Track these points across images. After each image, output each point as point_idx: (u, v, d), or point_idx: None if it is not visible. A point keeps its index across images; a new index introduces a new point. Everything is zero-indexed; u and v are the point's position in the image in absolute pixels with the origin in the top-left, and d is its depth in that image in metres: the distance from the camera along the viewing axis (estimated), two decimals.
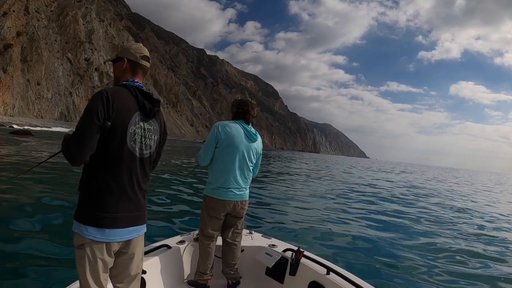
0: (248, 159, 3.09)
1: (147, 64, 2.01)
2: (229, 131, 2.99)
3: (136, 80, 1.95)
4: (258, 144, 3.18)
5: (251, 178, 3.23)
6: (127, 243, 1.90)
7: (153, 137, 1.96)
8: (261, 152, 3.25)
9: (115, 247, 1.85)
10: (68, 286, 2.19)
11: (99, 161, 1.77)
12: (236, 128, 3.03)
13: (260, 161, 3.30)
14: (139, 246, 1.99)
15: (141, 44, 2.04)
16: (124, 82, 1.92)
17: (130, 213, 1.86)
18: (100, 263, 1.79)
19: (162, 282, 2.92)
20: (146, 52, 2.01)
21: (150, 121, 1.94)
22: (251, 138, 3.09)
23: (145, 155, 1.91)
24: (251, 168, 3.16)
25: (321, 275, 2.88)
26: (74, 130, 1.76)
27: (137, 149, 1.86)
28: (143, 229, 1.98)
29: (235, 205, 3.07)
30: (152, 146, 1.96)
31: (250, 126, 3.12)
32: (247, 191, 3.18)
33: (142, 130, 1.88)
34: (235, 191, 3.05)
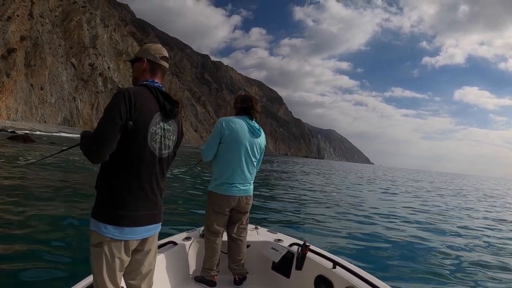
0: (252, 155, 3.10)
1: (166, 65, 2.02)
2: (233, 127, 2.99)
3: (155, 81, 1.95)
4: (262, 140, 3.19)
5: (255, 173, 3.24)
6: (143, 241, 1.92)
7: (171, 137, 1.97)
8: (264, 148, 3.26)
9: (133, 246, 1.86)
10: (80, 282, 2.19)
11: (120, 160, 1.77)
12: (240, 124, 3.03)
13: (262, 157, 3.31)
14: (154, 244, 2.02)
15: (160, 45, 2.05)
16: (144, 82, 1.93)
17: (149, 212, 1.88)
18: (117, 261, 1.79)
19: (169, 279, 2.95)
20: (165, 53, 2.02)
21: (170, 121, 1.95)
22: (255, 133, 3.09)
23: (164, 155, 1.93)
24: (255, 163, 3.18)
25: (327, 269, 2.90)
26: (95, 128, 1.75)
27: (157, 149, 1.87)
28: (159, 227, 2.00)
29: (240, 201, 3.09)
30: (170, 146, 1.98)
31: (254, 121, 3.13)
32: (252, 186, 3.20)
33: (162, 130, 1.89)
34: (239, 187, 3.06)
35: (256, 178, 3.20)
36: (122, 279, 1.92)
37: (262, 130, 3.18)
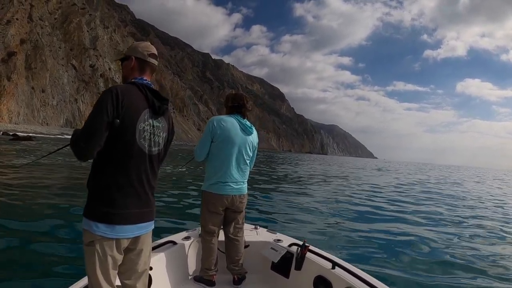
0: (245, 153, 3.11)
1: (155, 62, 2.03)
2: (224, 125, 3.01)
3: (144, 78, 1.96)
4: (254, 138, 3.20)
5: (248, 172, 3.25)
6: (135, 240, 1.91)
7: (161, 134, 1.98)
8: (257, 146, 3.27)
9: (125, 244, 1.86)
10: (75, 283, 2.19)
11: (108, 157, 1.78)
12: (232, 122, 3.05)
13: (255, 155, 3.32)
14: (147, 243, 2.01)
15: (148, 43, 2.06)
16: (133, 80, 1.94)
17: (139, 210, 1.87)
18: (110, 260, 1.79)
19: (168, 278, 2.96)
20: (153, 50, 2.03)
21: (159, 118, 1.95)
22: (246, 131, 3.10)
23: (154, 152, 1.93)
24: (247, 161, 3.18)
25: (326, 269, 2.90)
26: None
27: (146, 146, 1.87)
28: (151, 225, 1.99)
29: (234, 200, 3.10)
30: (160, 143, 1.98)
31: (245, 119, 3.15)
32: (245, 185, 3.20)
33: (151, 127, 1.90)
34: (232, 185, 3.07)
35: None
36: (118, 279, 1.93)
37: (254, 128, 3.18)
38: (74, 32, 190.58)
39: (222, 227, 3.24)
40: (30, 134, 67.56)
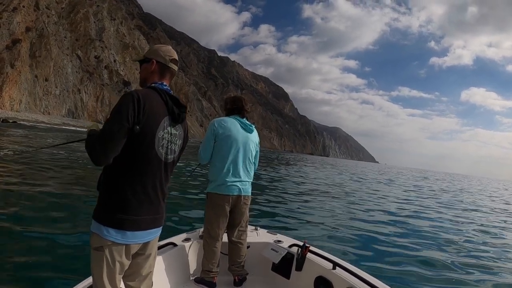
0: (248, 151, 3.14)
1: (175, 68, 1.98)
2: (225, 125, 3.08)
3: (164, 83, 1.92)
4: (255, 136, 3.25)
5: (253, 172, 3.26)
6: (145, 245, 1.89)
7: (177, 142, 1.95)
8: (258, 144, 3.30)
9: (134, 249, 1.84)
10: (79, 284, 2.18)
11: (124, 163, 1.74)
12: (232, 121, 3.12)
13: (258, 154, 3.34)
14: (154, 247, 2.00)
15: (170, 47, 2.01)
16: (153, 85, 1.89)
17: (151, 216, 1.85)
18: (117, 265, 1.76)
19: (169, 280, 2.95)
20: (175, 55, 1.99)
21: (177, 126, 1.93)
22: (247, 129, 3.16)
23: (169, 159, 1.91)
24: (252, 160, 3.21)
25: (327, 270, 2.90)
26: (100, 128, 1.73)
27: (163, 154, 1.85)
28: (160, 230, 1.98)
29: (238, 200, 3.10)
30: (176, 151, 1.95)
31: (244, 119, 3.21)
32: (250, 186, 3.21)
33: (169, 135, 1.87)
34: (238, 185, 3.07)
35: (255, 177, 3.24)
36: (122, 281, 1.91)
37: (254, 127, 3.23)
38: (80, 23, 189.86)
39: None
40: (32, 123, 67.10)
